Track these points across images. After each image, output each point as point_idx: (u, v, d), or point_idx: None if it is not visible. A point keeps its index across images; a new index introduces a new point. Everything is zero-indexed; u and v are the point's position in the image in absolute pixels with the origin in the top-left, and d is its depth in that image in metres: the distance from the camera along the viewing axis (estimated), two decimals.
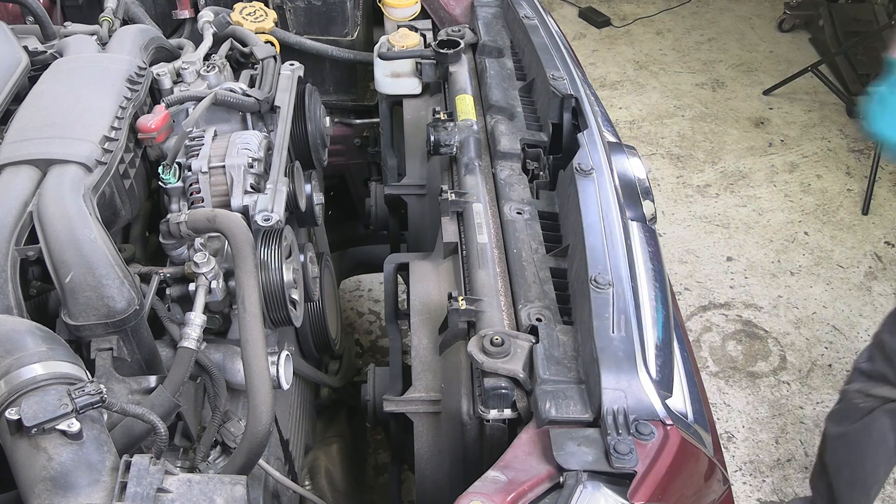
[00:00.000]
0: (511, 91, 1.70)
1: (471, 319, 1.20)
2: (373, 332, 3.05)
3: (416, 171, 1.78)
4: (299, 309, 1.31)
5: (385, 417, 1.34)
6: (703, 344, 3.02)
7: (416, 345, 1.33)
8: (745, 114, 4.24)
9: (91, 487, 0.86)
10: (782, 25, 4.93)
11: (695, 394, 1.15)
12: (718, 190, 3.75)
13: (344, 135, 2.29)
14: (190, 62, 1.57)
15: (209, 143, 1.39)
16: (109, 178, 1.25)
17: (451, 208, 1.42)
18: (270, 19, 1.97)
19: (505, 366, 1.06)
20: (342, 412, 1.96)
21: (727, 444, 2.67)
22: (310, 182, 1.55)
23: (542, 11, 1.92)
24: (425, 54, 1.83)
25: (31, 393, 0.88)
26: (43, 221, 1.10)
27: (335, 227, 2.42)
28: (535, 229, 1.34)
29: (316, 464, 1.73)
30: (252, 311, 1.14)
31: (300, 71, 1.75)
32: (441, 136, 1.53)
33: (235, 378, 1.25)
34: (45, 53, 1.50)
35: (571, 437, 0.97)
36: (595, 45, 4.87)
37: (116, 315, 1.07)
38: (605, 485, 0.92)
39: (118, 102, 1.34)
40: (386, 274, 1.53)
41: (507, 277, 1.27)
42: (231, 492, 0.88)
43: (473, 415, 1.13)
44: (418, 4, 2.07)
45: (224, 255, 1.29)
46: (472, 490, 0.92)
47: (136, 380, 1.09)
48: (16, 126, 1.26)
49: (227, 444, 1.22)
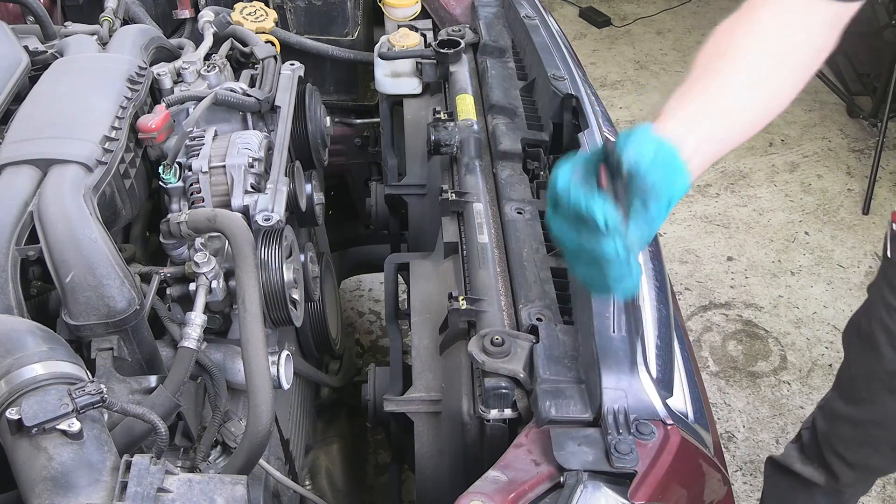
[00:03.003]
0: (512, 91, 1.70)
1: (471, 319, 1.20)
2: (373, 332, 3.05)
3: (416, 171, 1.78)
4: (300, 309, 1.31)
5: (385, 417, 1.34)
6: (704, 344, 3.02)
7: (417, 345, 1.33)
8: None
9: (91, 487, 0.86)
10: None
11: (695, 394, 1.15)
12: (719, 190, 3.75)
13: (344, 135, 2.29)
14: (190, 62, 1.57)
15: (209, 142, 1.39)
16: (110, 177, 1.25)
17: (452, 208, 1.42)
18: (271, 19, 1.97)
19: (505, 365, 1.06)
20: (342, 412, 1.96)
21: (727, 444, 2.67)
22: (310, 182, 1.55)
23: (543, 11, 1.92)
24: (426, 54, 1.83)
25: (31, 393, 0.88)
26: (43, 221, 1.10)
27: (335, 227, 2.42)
28: (536, 229, 1.34)
29: (316, 464, 1.73)
30: (252, 311, 1.14)
31: (300, 71, 1.75)
32: (441, 136, 1.53)
33: (236, 378, 1.25)
34: (45, 53, 1.50)
35: (572, 436, 0.97)
36: (595, 45, 4.86)
37: (117, 315, 1.07)
38: (605, 484, 0.92)
39: (119, 102, 1.34)
40: (386, 274, 1.53)
41: (507, 277, 1.27)
42: (231, 491, 0.88)
43: (474, 415, 1.13)
44: (419, 4, 2.07)
45: (224, 254, 1.29)
46: (472, 490, 0.92)
47: (137, 380, 1.09)
48: (16, 126, 1.26)
49: (228, 444, 1.22)
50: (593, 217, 0.89)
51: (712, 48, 1.03)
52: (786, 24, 1.02)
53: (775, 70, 1.02)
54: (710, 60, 1.02)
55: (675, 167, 0.92)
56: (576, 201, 0.90)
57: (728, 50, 1.02)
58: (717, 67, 1.01)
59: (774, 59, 1.02)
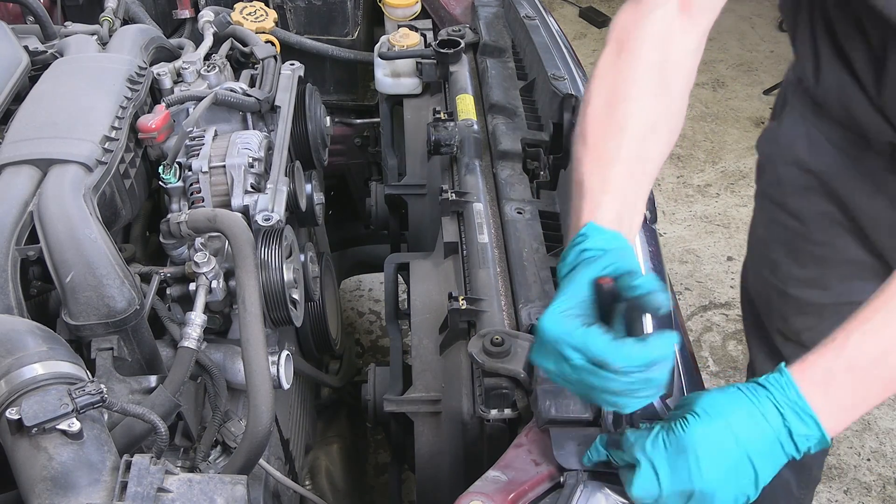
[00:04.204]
0: (512, 91, 1.70)
1: (471, 319, 1.20)
2: (373, 332, 3.05)
3: (416, 171, 1.78)
4: (300, 309, 1.31)
5: (385, 417, 1.34)
6: (704, 343, 3.02)
7: (417, 345, 1.33)
8: (745, 113, 4.24)
9: (91, 487, 0.86)
10: (783, 25, 4.92)
11: None
12: (719, 189, 3.75)
13: (344, 134, 2.29)
14: (190, 62, 1.57)
15: (209, 142, 1.39)
16: (110, 177, 1.25)
17: (452, 208, 1.42)
18: (271, 19, 1.97)
19: (505, 365, 1.06)
20: (343, 412, 1.96)
21: None
22: (310, 182, 1.55)
23: (543, 11, 1.92)
24: (426, 54, 1.83)
25: (31, 393, 0.88)
26: (43, 221, 1.10)
27: (335, 227, 2.42)
28: (536, 229, 1.34)
29: (316, 464, 1.73)
30: (252, 311, 1.14)
31: (300, 71, 1.75)
32: (441, 136, 1.53)
33: (236, 378, 1.25)
34: (45, 53, 1.50)
35: (572, 436, 0.97)
36: (595, 45, 4.86)
37: (117, 315, 1.07)
38: (605, 484, 0.92)
39: (118, 102, 1.34)
40: (386, 274, 1.53)
41: (507, 277, 1.27)
42: (231, 491, 0.88)
43: (474, 414, 1.13)
44: (419, 4, 2.07)
45: (224, 254, 1.29)
46: (472, 490, 0.92)
47: (137, 379, 1.09)
48: (16, 126, 1.26)
49: (228, 444, 1.21)
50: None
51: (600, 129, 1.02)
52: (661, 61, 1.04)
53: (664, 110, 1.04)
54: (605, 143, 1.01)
55: None
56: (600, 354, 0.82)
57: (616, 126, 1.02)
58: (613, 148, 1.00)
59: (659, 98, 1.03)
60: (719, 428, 0.82)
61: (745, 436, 0.81)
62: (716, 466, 0.81)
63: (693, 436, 0.82)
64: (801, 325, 1.65)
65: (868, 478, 2.57)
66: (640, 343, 0.82)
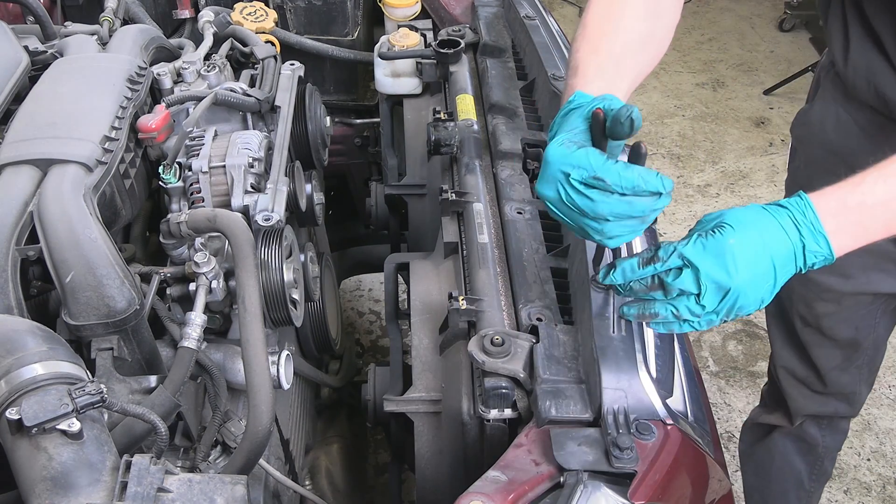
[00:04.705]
0: (512, 91, 1.70)
1: (471, 319, 1.20)
2: (373, 332, 3.05)
3: (416, 171, 1.78)
4: (300, 309, 1.31)
5: (385, 417, 1.34)
6: (704, 343, 3.02)
7: (417, 345, 1.33)
8: (745, 113, 4.24)
9: (91, 487, 0.86)
10: (783, 25, 4.93)
11: (695, 393, 1.15)
12: (719, 190, 3.75)
13: (344, 134, 2.29)
14: (190, 62, 1.58)
15: (209, 142, 1.39)
16: (110, 177, 1.25)
17: (452, 208, 1.42)
18: (271, 19, 1.97)
19: (505, 365, 1.06)
20: (342, 412, 1.96)
21: (727, 444, 2.67)
22: (310, 182, 1.55)
23: (543, 11, 1.92)
24: (426, 54, 1.83)
25: (31, 393, 0.88)
26: (43, 221, 1.10)
27: (335, 227, 2.42)
28: (536, 229, 1.34)
29: (316, 464, 1.73)
30: (252, 311, 1.14)
31: (300, 71, 1.75)
32: (441, 136, 1.53)
33: (236, 378, 1.25)
34: (45, 53, 1.50)
35: (572, 436, 0.97)
36: None
37: (117, 315, 1.07)
38: (605, 484, 0.92)
39: (119, 102, 1.34)
40: (386, 274, 1.53)
41: (507, 277, 1.27)
42: (231, 491, 0.88)
43: (474, 415, 1.13)
44: (419, 4, 2.07)
45: (224, 254, 1.29)
46: (472, 490, 0.92)
47: (137, 379, 1.09)
48: (16, 126, 1.26)
49: (228, 444, 1.22)
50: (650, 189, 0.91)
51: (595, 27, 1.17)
52: None
53: None
54: None
55: None
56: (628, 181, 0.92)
57: None
58: None
59: None
60: (753, 236, 0.92)
61: (772, 245, 0.92)
62: (750, 268, 0.91)
63: (731, 240, 0.91)
64: (822, 311, 1.67)
65: (868, 478, 2.58)
66: (633, 166, 0.92)
